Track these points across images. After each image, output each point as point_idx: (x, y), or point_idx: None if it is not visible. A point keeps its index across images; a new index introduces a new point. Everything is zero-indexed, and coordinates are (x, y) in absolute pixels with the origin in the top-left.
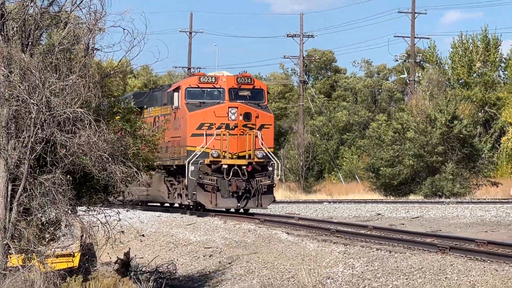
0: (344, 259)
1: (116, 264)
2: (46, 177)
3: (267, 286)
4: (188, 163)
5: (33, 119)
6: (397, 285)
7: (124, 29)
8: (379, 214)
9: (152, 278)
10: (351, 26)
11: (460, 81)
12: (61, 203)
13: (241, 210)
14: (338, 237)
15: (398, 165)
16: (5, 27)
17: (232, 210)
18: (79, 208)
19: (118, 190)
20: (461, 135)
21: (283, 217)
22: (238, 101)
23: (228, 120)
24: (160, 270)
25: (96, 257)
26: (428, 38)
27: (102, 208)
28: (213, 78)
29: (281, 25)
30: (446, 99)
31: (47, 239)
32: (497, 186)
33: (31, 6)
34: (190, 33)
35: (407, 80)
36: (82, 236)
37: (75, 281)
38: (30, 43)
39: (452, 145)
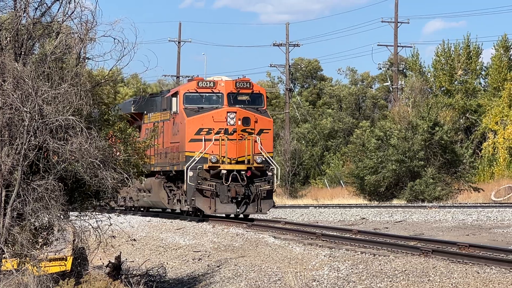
0: (329, 262)
1: (108, 268)
2: (39, 183)
3: None
4: (187, 169)
5: (26, 127)
6: (381, 287)
7: (114, 39)
8: (364, 218)
9: (142, 281)
10: (336, 35)
11: (442, 89)
12: (54, 208)
13: (241, 216)
14: (323, 240)
15: (382, 171)
16: None
17: (232, 215)
18: (71, 213)
19: (109, 196)
20: (442, 141)
21: (270, 221)
22: (237, 105)
23: (227, 125)
24: (150, 273)
25: (88, 261)
26: (411, 47)
27: (94, 213)
28: (212, 83)
29: (269, 35)
30: (427, 106)
31: (40, 244)
32: (479, 192)
33: (24, 17)
34: (179, 42)
35: (390, 88)
36: (74, 240)
37: (67, 284)
38: (23, 53)
39: (433, 151)
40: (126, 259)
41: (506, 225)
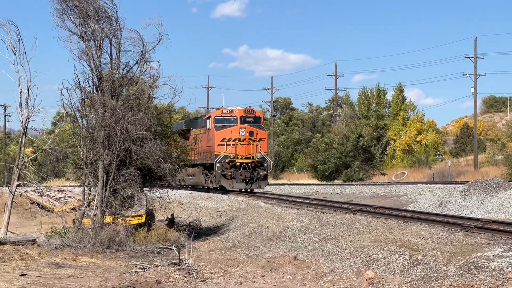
0: (297, 217)
1: (166, 221)
2: (125, 171)
3: (253, 232)
4: (216, 162)
5: (118, 138)
6: (327, 232)
7: (170, 86)
8: (317, 191)
9: (187, 229)
10: (300, 83)
11: (363, 115)
12: (134, 186)
13: (248, 190)
14: (293, 204)
15: (328, 163)
16: (101, 85)
17: (243, 190)
18: (144, 189)
19: (167, 179)
20: (364, 146)
21: (262, 193)
22: (246, 124)
23: (240, 135)
24: (191, 224)
25: (155, 217)
26: (345, 90)
27: (158, 189)
28: (230, 110)
29: (261, 83)
30: (355, 125)
31: (126, 207)
32: (384, 175)
33: (116, 73)
34: (208, 88)
35: (333, 114)
36: (146, 205)
37: (143, 230)
38: (116, 94)
39: (358, 152)
40: (177, 216)
41: (401, 195)
